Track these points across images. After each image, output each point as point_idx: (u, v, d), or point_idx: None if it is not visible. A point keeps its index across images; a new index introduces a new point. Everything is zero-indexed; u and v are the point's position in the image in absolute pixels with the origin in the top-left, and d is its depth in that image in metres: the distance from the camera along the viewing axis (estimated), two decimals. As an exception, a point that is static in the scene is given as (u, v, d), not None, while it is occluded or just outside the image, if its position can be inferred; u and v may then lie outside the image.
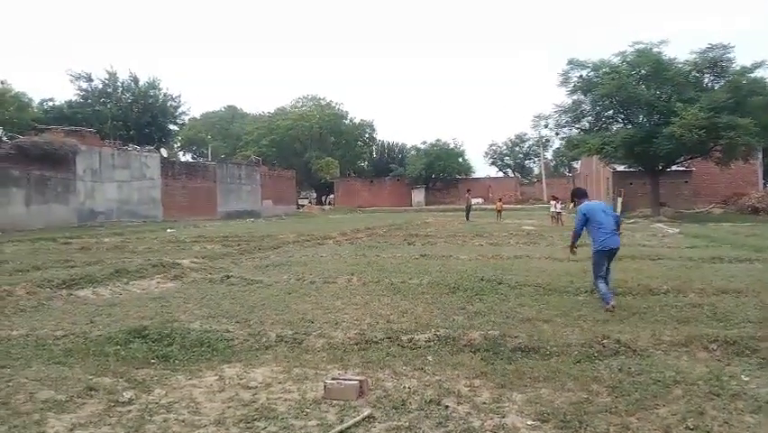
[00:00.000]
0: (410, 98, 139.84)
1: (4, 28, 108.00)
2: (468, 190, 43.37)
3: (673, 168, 35.19)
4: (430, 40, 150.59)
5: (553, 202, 29.91)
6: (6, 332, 6.72)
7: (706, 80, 32.22)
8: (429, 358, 5.58)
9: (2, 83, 52.75)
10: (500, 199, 37.73)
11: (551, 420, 4.06)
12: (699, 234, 19.74)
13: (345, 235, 21.41)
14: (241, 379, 5.09)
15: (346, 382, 4.61)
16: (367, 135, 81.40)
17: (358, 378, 4.74)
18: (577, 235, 8.54)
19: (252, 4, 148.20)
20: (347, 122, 77.76)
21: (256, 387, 4.87)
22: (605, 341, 5.79)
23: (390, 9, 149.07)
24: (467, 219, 33.42)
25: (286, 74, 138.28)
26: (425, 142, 75.35)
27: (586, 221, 8.18)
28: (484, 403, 4.41)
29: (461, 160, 74.17)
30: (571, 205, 9.08)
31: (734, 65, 30.82)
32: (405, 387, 4.75)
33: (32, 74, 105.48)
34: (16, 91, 53.99)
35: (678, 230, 22.18)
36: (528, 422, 4.07)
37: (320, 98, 79.22)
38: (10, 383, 4.91)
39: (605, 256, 8.07)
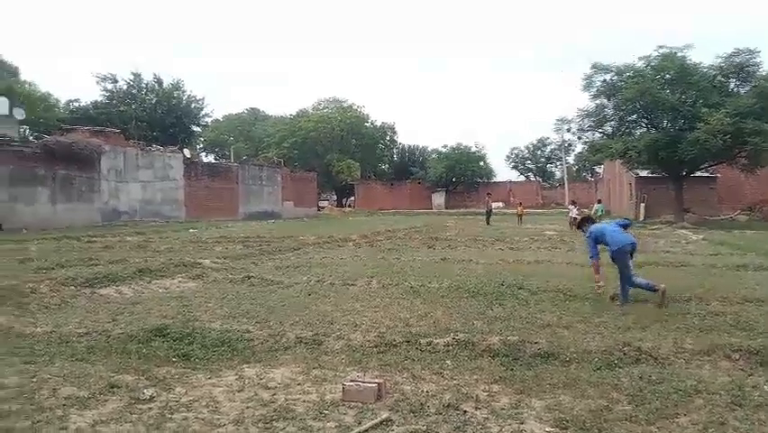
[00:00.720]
0: (432, 101, 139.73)
1: (33, 29, 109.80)
2: (488, 194, 43.28)
3: (698, 174, 34.75)
4: (453, 41, 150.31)
5: (570, 207, 29.70)
6: (31, 329, 6.83)
7: (731, 85, 31.78)
8: (448, 362, 5.57)
9: (29, 84, 53.79)
10: (521, 204, 37.57)
11: (570, 428, 4.04)
12: (723, 242, 19.46)
13: (365, 238, 21.42)
14: (260, 379, 5.12)
15: (365, 384, 4.62)
16: (388, 138, 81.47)
17: (376, 381, 4.75)
18: (596, 260, 8.64)
19: (274, 5, 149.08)
20: (368, 124, 77.88)
21: (275, 387, 4.90)
22: (626, 348, 5.73)
23: (414, 11, 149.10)
24: (487, 223, 33.30)
25: (308, 76, 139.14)
26: (446, 146, 75.43)
27: (597, 242, 8.53)
28: (503, 409, 4.39)
29: (482, 164, 74.06)
30: (581, 234, 9.19)
31: (760, 70, 30.42)
32: (423, 391, 4.75)
33: (59, 75, 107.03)
34: (43, 92, 55.02)
35: (702, 237, 21.88)
36: (547, 429, 4.04)
37: (342, 101, 79.51)
38: (34, 379, 5.00)
39: (627, 253, 8.26)
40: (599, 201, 30.41)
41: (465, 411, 4.33)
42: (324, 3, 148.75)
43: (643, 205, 38.08)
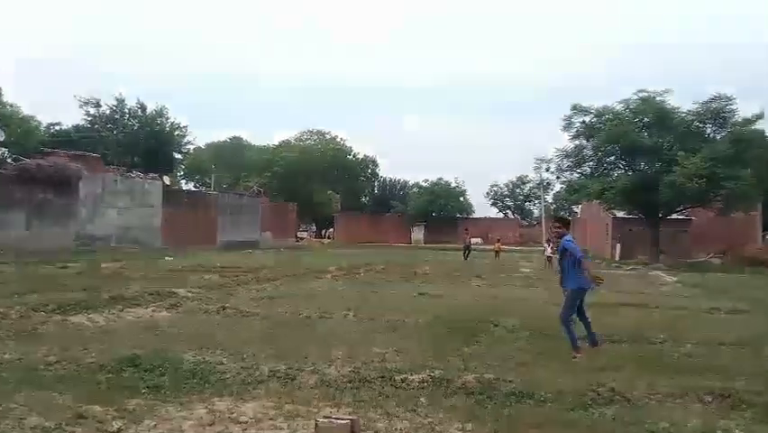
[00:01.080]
0: (414, 136, 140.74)
1: (14, 51, 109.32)
2: (466, 230, 43.46)
3: (673, 216, 35.29)
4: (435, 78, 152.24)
5: (545, 245, 29.93)
6: (-2, 355, 6.68)
7: (708, 130, 32.54)
8: (422, 400, 5.54)
9: (10, 106, 53.40)
10: (499, 240, 37.84)
11: (542, 469, 4.02)
12: (697, 284, 19.71)
13: (343, 270, 21.37)
14: (231, 413, 5.04)
15: (338, 421, 4.57)
16: (369, 171, 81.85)
17: (350, 417, 4.70)
18: (588, 260, 8.49)
19: (258, 39, 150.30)
20: (350, 157, 78.24)
21: (246, 422, 4.83)
22: (600, 389, 5.75)
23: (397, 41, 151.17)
24: (465, 258, 33.45)
25: (291, 108, 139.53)
26: (426, 180, 75.91)
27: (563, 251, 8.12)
28: (476, 448, 4.37)
29: (461, 199, 74.58)
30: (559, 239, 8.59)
31: (736, 116, 31.19)
32: (397, 428, 4.72)
33: (40, 97, 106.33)
34: (24, 114, 54.62)
35: (676, 279, 22.13)
36: (519, 470, 4.03)
37: (324, 132, 79.90)
38: (-1, 408, 4.88)
39: (582, 295, 8.07)
40: (549, 242, 30.92)
41: (438, 450, 4.30)
42: (312, 30, 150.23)
43: (618, 245, 38.48)
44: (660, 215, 33.94)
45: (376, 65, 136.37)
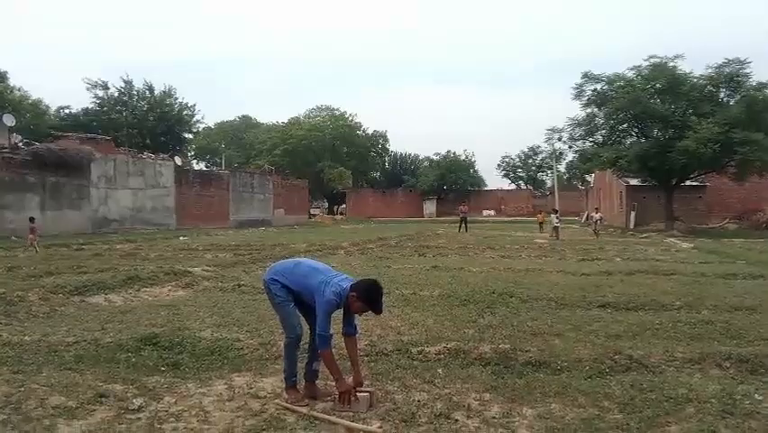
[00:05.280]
0: (424, 110, 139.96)
1: (23, 35, 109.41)
2: (462, 202, 43.16)
3: (687, 182, 34.96)
4: (446, 49, 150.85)
5: (553, 216, 29.79)
6: (19, 337, 6.76)
7: (721, 95, 32.03)
8: (439, 371, 5.55)
9: (19, 90, 53.55)
10: (541, 212, 37.56)
11: (561, 436, 4.03)
12: (713, 250, 19.57)
13: (356, 246, 21.41)
14: (250, 388, 5.09)
15: (357, 393, 4.60)
16: (380, 146, 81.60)
17: (367, 390, 4.73)
18: None
19: (267, 13, 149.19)
20: (360, 132, 78.00)
21: (265, 397, 4.87)
22: (616, 357, 5.74)
23: (407, 17, 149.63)
24: (464, 230, 33.50)
25: (300, 84, 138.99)
26: (437, 154, 75.66)
27: None
28: (494, 418, 4.38)
29: (471, 172, 74.31)
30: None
31: (750, 80, 30.69)
32: (414, 400, 4.73)
33: (49, 80, 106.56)
34: (34, 98, 54.79)
35: (692, 245, 21.99)
36: (538, 438, 4.03)
37: (334, 109, 79.64)
38: (21, 388, 4.94)
39: None
40: (556, 211, 30.68)
41: (456, 420, 4.32)
42: (319, 7, 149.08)
43: (633, 213, 38.25)
44: (674, 182, 33.65)
45: (385, 39, 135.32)
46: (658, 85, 31.61)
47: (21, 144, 34.31)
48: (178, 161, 41.34)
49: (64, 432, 4.09)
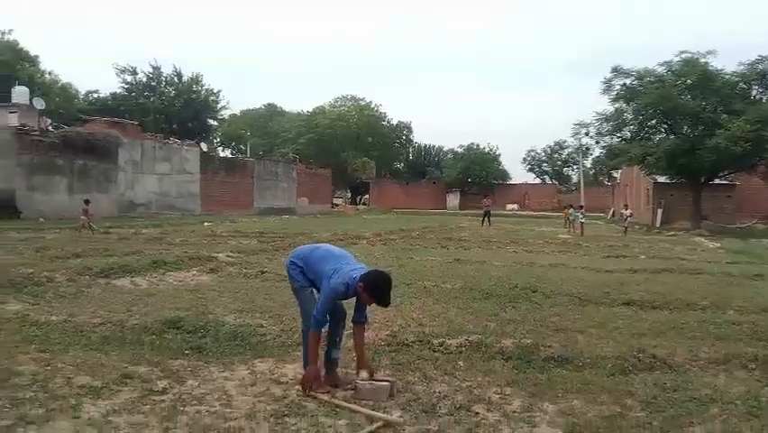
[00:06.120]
0: (450, 101, 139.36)
1: (55, 19, 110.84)
2: (485, 195, 42.79)
3: (716, 181, 34.39)
4: (472, 43, 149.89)
5: (577, 212, 29.42)
6: (46, 317, 6.88)
7: (754, 93, 31.43)
8: (460, 363, 5.55)
9: (49, 73, 54.33)
10: (571, 206, 37.08)
11: (582, 433, 4.00)
12: (740, 250, 19.25)
13: (379, 236, 21.41)
14: (272, 374, 5.13)
15: (378, 382, 4.62)
16: (404, 137, 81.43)
17: (388, 379, 4.74)
18: None
19: (291, 3, 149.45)
20: (385, 123, 77.90)
21: (287, 383, 4.91)
22: (640, 355, 5.68)
23: (435, 10, 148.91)
24: (487, 223, 33.06)
25: (326, 73, 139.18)
26: (462, 146, 75.30)
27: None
28: (515, 412, 4.37)
29: (495, 165, 73.89)
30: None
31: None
32: (435, 391, 4.73)
33: (78, 64, 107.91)
34: (63, 82, 55.56)
35: (719, 245, 21.64)
36: (559, 433, 4.01)
37: (359, 99, 79.56)
38: (48, 367, 5.04)
39: None
40: (581, 207, 30.18)
41: (477, 413, 4.31)
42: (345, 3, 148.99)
43: (660, 210, 37.76)
44: (702, 180, 33.13)
45: (409, 30, 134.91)
46: (689, 81, 31.04)
47: (50, 128, 34.86)
48: (203, 147, 41.71)
49: (89, 411, 4.15)
